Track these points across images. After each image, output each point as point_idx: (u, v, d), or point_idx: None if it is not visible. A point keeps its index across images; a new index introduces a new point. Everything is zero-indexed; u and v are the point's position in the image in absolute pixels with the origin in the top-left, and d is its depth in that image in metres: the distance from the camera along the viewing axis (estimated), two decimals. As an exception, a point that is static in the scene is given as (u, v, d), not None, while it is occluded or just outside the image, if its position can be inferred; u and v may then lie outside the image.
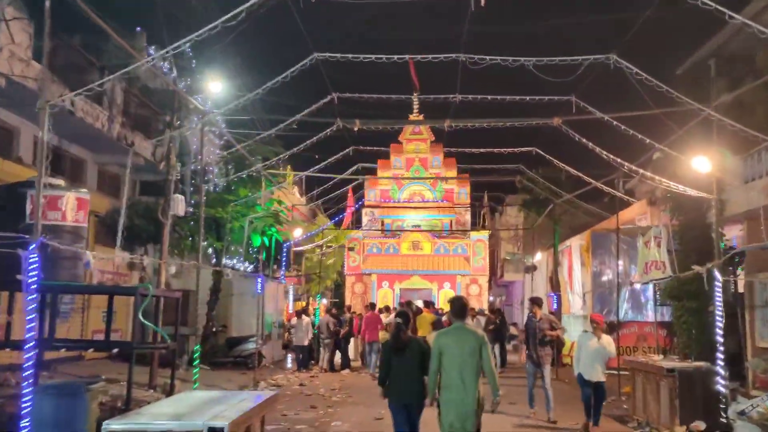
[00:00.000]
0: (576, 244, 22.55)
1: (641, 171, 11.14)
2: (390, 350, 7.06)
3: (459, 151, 15.81)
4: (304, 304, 24.74)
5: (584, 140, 11.13)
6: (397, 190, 33.83)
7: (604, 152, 11.07)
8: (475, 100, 10.06)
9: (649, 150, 11.25)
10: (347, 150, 13.93)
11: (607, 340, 10.01)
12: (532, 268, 25.93)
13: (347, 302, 31.62)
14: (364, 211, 34.12)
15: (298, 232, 21.20)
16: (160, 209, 13.34)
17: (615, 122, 10.13)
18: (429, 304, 20.26)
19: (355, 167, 15.84)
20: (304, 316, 19.51)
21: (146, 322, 9.71)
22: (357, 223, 33.41)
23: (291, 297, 21.25)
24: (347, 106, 12.34)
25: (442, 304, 27.20)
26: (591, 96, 11.10)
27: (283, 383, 16.76)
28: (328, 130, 11.81)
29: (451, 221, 33.19)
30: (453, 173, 33.57)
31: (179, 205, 13.20)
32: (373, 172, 16.47)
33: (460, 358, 6.31)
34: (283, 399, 14.01)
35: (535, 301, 11.81)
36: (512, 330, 24.94)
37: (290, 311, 21.48)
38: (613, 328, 14.31)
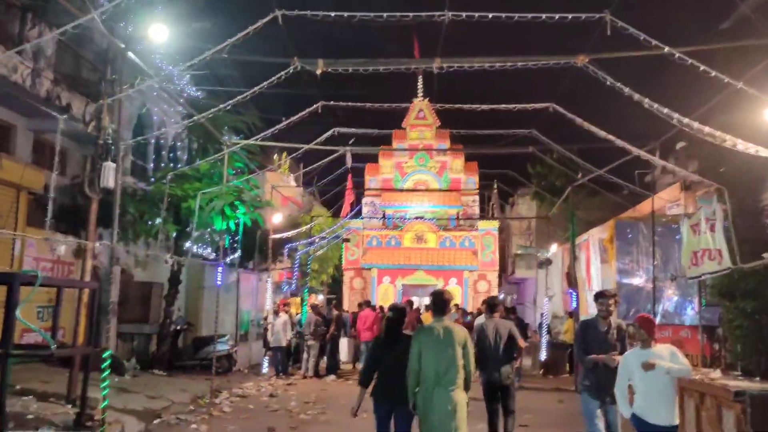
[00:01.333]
0: (595, 237, 20.00)
1: (696, 124, 8.38)
2: (380, 345, 6.53)
3: (460, 110, 13.07)
4: (291, 299, 22.09)
5: (619, 85, 8.40)
6: (400, 179, 31.39)
7: (646, 99, 8.35)
8: (471, 19, 7.35)
9: (711, 101, 8.47)
10: (315, 106, 11.27)
11: (668, 351, 6.22)
12: (546, 263, 23.18)
13: (345, 299, 29.19)
14: (364, 200, 31.71)
15: (277, 218, 18.54)
16: (86, 181, 10.84)
17: (669, 49, 7.33)
18: (410, 303, 17.89)
19: (330, 132, 13.12)
20: (281, 314, 16.88)
21: (23, 320, 7.19)
22: (352, 212, 31.00)
23: (269, 291, 18.56)
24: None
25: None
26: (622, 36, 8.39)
27: (250, 393, 14.16)
28: (283, 72, 9.19)
29: (458, 213, 30.61)
30: (460, 161, 31.17)
31: (109, 174, 10.67)
32: (355, 140, 14.12)
33: (440, 356, 5.96)
34: (240, 415, 11.46)
35: (612, 296, 7.44)
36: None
37: (268, 307, 18.90)
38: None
